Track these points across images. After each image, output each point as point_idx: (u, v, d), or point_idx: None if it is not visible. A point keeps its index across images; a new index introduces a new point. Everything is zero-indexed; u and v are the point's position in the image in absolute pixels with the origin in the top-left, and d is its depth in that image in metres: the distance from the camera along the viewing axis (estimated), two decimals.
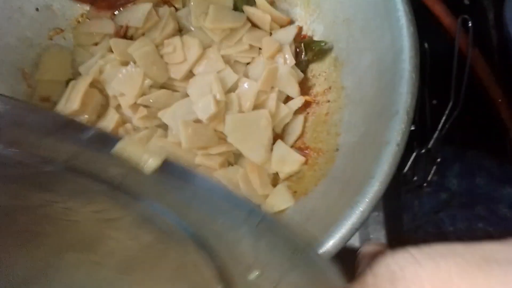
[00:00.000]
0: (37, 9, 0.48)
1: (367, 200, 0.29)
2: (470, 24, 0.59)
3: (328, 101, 0.44)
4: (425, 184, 0.56)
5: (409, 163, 0.57)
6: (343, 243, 0.28)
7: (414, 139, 0.59)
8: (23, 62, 0.47)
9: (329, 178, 0.37)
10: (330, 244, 0.28)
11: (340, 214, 0.29)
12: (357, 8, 0.41)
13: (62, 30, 0.50)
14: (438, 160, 0.56)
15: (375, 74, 0.38)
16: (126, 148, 0.29)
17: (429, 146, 0.56)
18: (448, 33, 0.62)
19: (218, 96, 0.42)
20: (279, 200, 0.39)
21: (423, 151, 0.56)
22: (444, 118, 0.56)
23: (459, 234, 0.52)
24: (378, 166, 0.30)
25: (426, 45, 0.64)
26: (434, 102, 0.62)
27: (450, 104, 0.56)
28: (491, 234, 0.51)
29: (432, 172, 0.57)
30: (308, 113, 0.46)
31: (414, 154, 0.56)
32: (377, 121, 0.34)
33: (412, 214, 0.57)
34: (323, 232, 0.29)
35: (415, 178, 0.57)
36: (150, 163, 0.28)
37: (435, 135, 0.56)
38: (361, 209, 0.29)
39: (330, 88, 0.44)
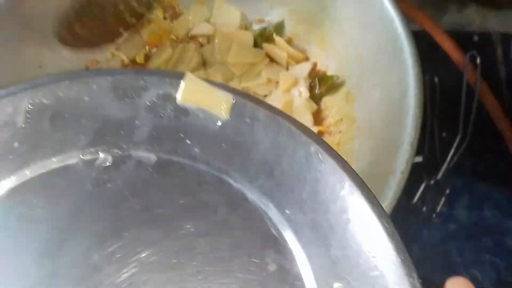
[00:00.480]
0: None
1: None
2: (478, 60, 0.61)
3: (340, 132, 0.47)
4: (434, 215, 0.58)
5: (418, 194, 0.58)
6: None
7: (424, 170, 0.61)
8: None
9: None
10: None
11: None
12: (368, 47, 0.44)
13: (98, 62, 0.54)
14: (447, 191, 0.58)
15: (384, 108, 0.40)
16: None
17: (438, 177, 0.58)
18: (457, 68, 0.65)
19: None
20: None
21: (432, 182, 0.58)
22: (452, 150, 0.58)
23: (467, 265, 0.53)
24: (384, 192, 0.32)
25: (436, 79, 0.66)
26: (444, 134, 0.64)
27: (459, 136, 0.58)
28: (498, 266, 0.52)
29: (441, 203, 0.58)
30: None
31: (423, 185, 0.58)
32: (384, 151, 0.37)
33: (421, 245, 0.58)
34: None
35: (424, 209, 0.58)
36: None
37: (444, 167, 0.58)
38: None
39: (342, 119, 0.47)
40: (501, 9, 0.73)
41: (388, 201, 0.33)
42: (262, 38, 0.53)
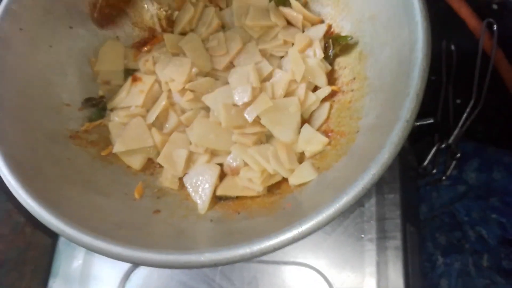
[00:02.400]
0: None
1: (377, 165, 0.33)
2: (495, 28, 0.61)
3: (352, 90, 0.48)
4: (444, 178, 0.59)
5: (430, 156, 0.60)
6: (356, 200, 0.33)
7: (436, 134, 0.62)
8: (89, 49, 0.54)
9: (349, 155, 0.42)
10: (344, 200, 0.32)
11: (354, 178, 0.34)
12: (381, 6, 0.45)
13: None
14: (458, 155, 0.59)
15: (395, 64, 0.42)
16: None
17: (450, 141, 0.59)
18: (474, 35, 0.65)
19: (254, 84, 0.48)
20: (304, 174, 0.44)
21: (443, 146, 0.59)
22: (465, 115, 0.59)
23: (473, 224, 0.55)
24: (388, 138, 0.35)
25: (452, 46, 0.67)
26: (458, 101, 0.65)
27: (472, 102, 0.59)
28: (504, 225, 0.54)
29: (452, 166, 0.59)
30: (334, 100, 0.50)
31: (435, 148, 0.59)
32: (392, 103, 0.39)
33: (430, 205, 0.60)
34: (339, 192, 0.33)
35: (435, 171, 0.60)
36: None
37: (456, 131, 0.59)
38: (372, 172, 0.33)
39: (354, 78, 0.49)
40: None
41: (392, 148, 0.35)
42: (280, 1, 0.55)
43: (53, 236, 0.56)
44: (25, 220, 0.57)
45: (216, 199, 0.45)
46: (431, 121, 0.54)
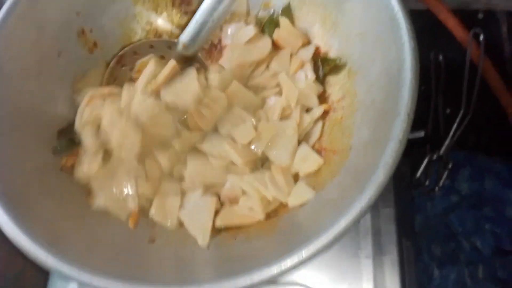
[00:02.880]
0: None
1: (373, 187, 0.34)
2: (482, 37, 0.62)
3: (343, 108, 0.49)
4: (437, 188, 0.60)
5: (422, 168, 0.60)
6: (354, 223, 0.33)
7: (427, 146, 0.63)
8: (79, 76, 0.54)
9: (343, 173, 0.42)
10: (342, 223, 0.33)
11: (351, 199, 0.34)
12: (369, 24, 0.46)
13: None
14: (450, 165, 0.59)
15: (384, 82, 0.42)
16: None
17: (441, 152, 0.59)
18: (462, 46, 0.66)
19: (254, 122, 0.48)
20: (301, 193, 0.44)
21: (435, 157, 0.59)
22: (455, 125, 0.59)
23: (467, 234, 0.55)
24: (382, 159, 0.35)
25: (440, 57, 0.68)
26: (448, 111, 0.66)
27: (461, 112, 0.60)
28: (498, 235, 0.54)
29: (444, 176, 0.60)
30: (325, 118, 0.51)
31: (427, 159, 0.60)
32: (384, 121, 0.39)
33: (425, 215, 0.60)
34: (336, 214, 0.34)
35: (428, 183, 0.60)
36: None
37: (447, 142, 0.59)
38: (369, 194, 0.33)
39: (344, 96, 0.49)
40: None
41: (386, 168, 0.35)
42: (271, 25, 0.55)
43: None
44: None
45: (216, 230, 0.44)
46: (422, 135, 0.55)
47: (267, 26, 0.55)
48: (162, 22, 0.59)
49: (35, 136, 0.45)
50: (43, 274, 0.54)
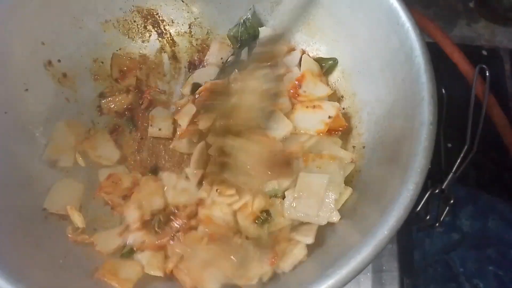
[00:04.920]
0: None
1: (416, 173, 0.34)
2: (487, 73, 0.62)
3: (343, 109, 0.48)
4: (437, 224, 0.57)
5: (423, 202, 0.58)
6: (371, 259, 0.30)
7: (428, 179, 0.61)
8: (49, 111, 0.50)
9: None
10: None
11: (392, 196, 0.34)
12: (360, 24, 0.45)
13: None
14: (452, 201, 0.57)
15: (389, 75, 0.41)
16: None
17: (443, 186, 0.57)
18: (465, 80, 0.65)
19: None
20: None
21: (436, 191, 0.57)
22: (459, 160, 0.57)
23: (469, 275, 0.52)
24: (419, 146, 0.34)
25: (443, 90, 0.66)
26: (449, 145, 0.64)
27: (466, 147, 0.58)
28: (502, 278, 0.51)
29: (445, 212, 0.57)
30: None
31: (428, 193, 0.57)
32: (402, 111, 0.38)
33: (423, 252, 0.57)
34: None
35: (428, 217, 0.58)
36: None
37: (450, 176, 0.57)
38: (412, 182, 0.34)
39: (342, 96, 0.49)
40: (509, 25, 0.73)
41: (423, 154, 0.34)
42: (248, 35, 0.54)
43: None
44: None
45: None
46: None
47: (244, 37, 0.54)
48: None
49: (11, 180, 0.42)
50: None
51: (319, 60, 0.52)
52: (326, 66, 0.52)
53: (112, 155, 0.52)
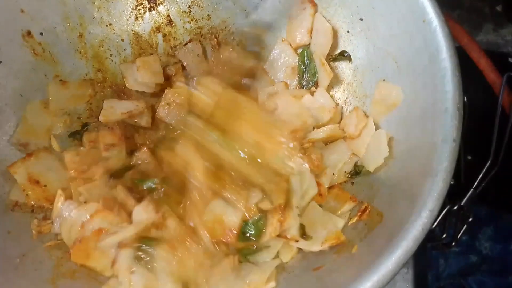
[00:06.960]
0: None
1: (432, 200, 0.32)
2: None
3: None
4: (453, 243, 0.53)
5: (439, 218, 0.54)
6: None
7: (446, 195, 0.57)
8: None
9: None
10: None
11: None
12: (379, 17, 0.41)
13: None
14: (470, 219, 0.53)
15: (407, 78, 0.38)
16: None
17: (462, 203, 0.53)
18: (490, 88, 0.61)
19: None
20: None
21: (455, 207, 0.53)
22: (481, 176, 0.53)
23: None
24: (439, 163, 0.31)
25: (465, 98, 0.62)
26: (469, 157, 0.60)
27: (489, 162, 0.54)
28: None
29: (463, 231, 0.53)
30: None
31: (446, 209, 0.53)
32: (421, 121, 0.35)
33: (436, 273, 0.53)
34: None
35: (444, 236, 0.53)
36: None
37: (470, 193, 0.53)
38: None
39: (346, 98, 0.48)
40: None
41: (442, 177, 0.32)
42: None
43: None
44: None
45: None
46: None
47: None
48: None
49: None
50: None
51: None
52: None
53: None
